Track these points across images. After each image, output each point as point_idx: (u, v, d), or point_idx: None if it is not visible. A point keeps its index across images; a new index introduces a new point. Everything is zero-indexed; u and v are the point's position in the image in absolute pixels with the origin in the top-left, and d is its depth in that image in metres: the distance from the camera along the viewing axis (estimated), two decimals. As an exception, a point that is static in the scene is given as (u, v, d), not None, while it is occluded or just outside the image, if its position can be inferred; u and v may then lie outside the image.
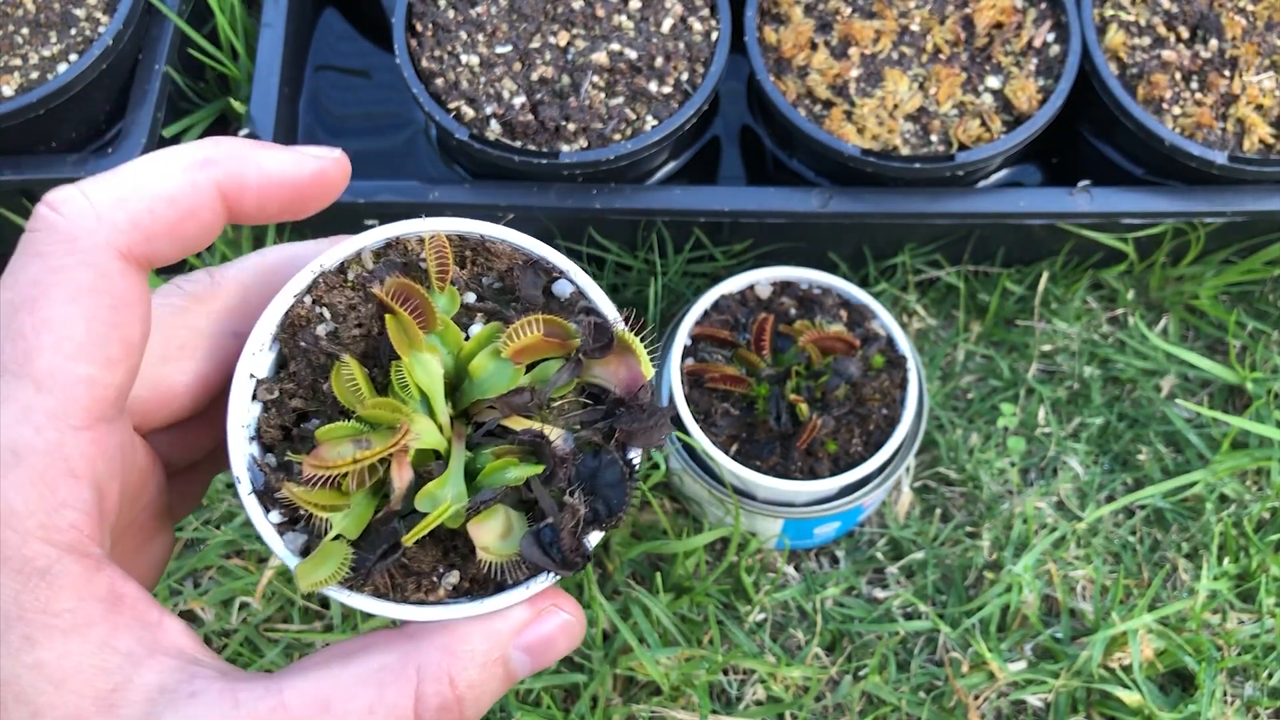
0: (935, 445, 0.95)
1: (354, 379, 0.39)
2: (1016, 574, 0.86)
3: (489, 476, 0.39)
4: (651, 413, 0.39)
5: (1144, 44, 0.92)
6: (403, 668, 0.37)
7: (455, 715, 0.38)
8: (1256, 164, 0.87)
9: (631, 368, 0.40)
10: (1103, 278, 1.00)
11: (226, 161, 0.38)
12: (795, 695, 0.84)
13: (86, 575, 0.34)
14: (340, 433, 0.38)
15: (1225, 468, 0.91)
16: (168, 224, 0.37)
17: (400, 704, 0.36)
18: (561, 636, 0.40)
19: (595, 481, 0.39)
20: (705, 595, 0.85)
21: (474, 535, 0.38)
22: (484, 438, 0.40)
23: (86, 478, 0.35)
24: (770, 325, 0.81)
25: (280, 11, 0.96)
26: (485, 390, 0.40)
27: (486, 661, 0.38)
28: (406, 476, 0.38)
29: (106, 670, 0.34)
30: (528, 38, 0.90)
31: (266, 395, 0.40)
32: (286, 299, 0.40)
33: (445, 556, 0.40)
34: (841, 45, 0.92)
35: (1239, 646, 0.86)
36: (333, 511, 0.38)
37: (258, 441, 0.40)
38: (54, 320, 0.34)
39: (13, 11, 0.91)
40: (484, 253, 0.42)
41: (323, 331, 0.41)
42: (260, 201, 0.39)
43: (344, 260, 0.41)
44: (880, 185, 0.89)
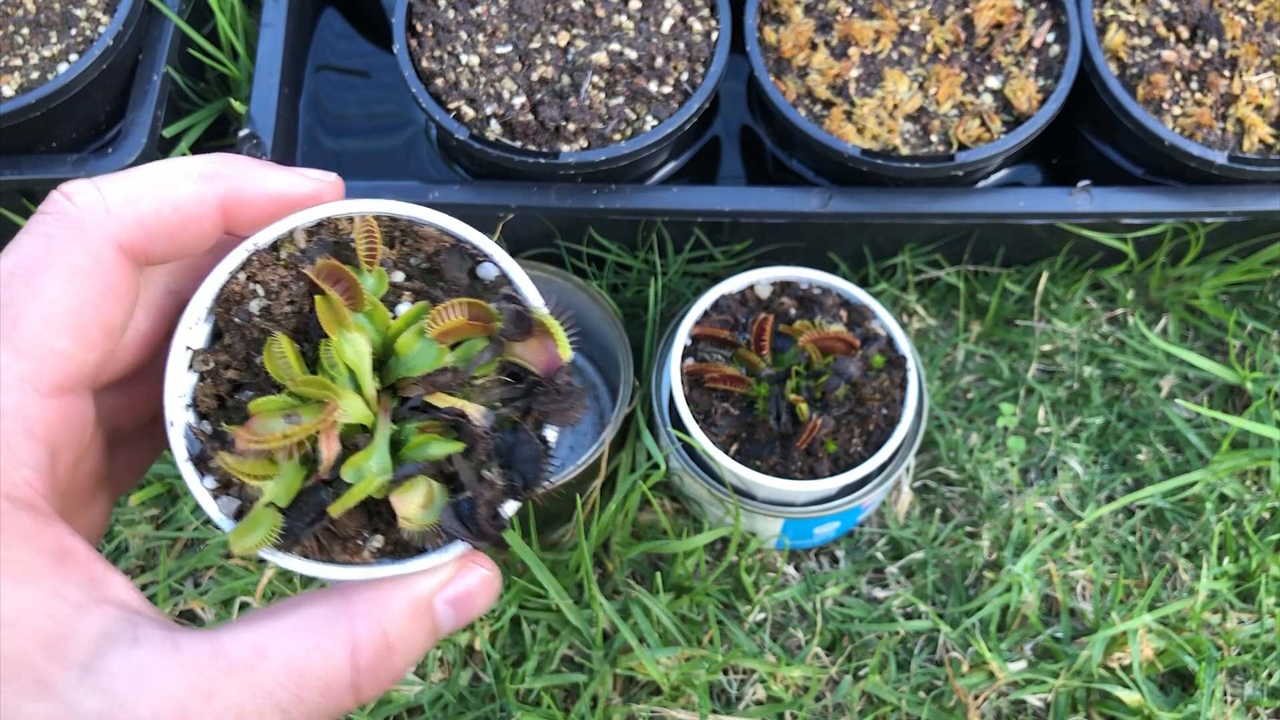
0: (935, 445, 0.95)
1: (285, 355, 0.41)
2: (1016, 574, 0.86)
3: (412, 450, 0.41)
4: (567, 393, 0.41)
5: (1144, 44, 0.92)
6: (337, 617, 0.39)
7: (386, 663, 0.40)
8: (1256, 164, 0.87)
9: (550, 350, 0.42)
10: (1102, 278, 1.00)
11: (232, 177, 0.41)
12: (795, 695, 0.84)
13: (37, 529, 0.36)
14: (272, 406, 0.40)
15: (1225, 467, 0.91)
16: (169, 227, 0.40)
17: (335, 649, 0.38)
18: (481, 591, 0.42)
19: (512, 456, 0.41)
20: (705, 595, 0.85)
21: (396, 506, 0.40)
22: (409, 412, 0.42)
23: (44, 440, 0.37)
24: (770, 325, 0.81)
25: (280, 11, 0.96)
26: (411, 368, 0.42)
27: (414, 612, 0.40)
28: (334, 449, 0.40)
29: (54, 617, 0.35)
30: (528, 38, 0.90)
31: (202, 366, 0.42)
32: (222, 275, 0.43)
33: (370, 522, 0.42)
34: (841, 45, 0.92)
35: (1239, 646, 0.86)
36: (264, 480, 0.40)
37: (194, 409, 0.42)
38: (46, 295, 0.37)
39: (13, 11, 0.91)
40: (412, 235, 0.45)
41: (256, 307, 0.43)
42: (257, 216, 0.42)
43: (277, 239, 0.43)
44: (880, 185, 0.89)
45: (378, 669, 0.40)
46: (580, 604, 0.84)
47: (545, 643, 0.84)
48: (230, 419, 0.42)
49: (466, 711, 0.83)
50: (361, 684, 0.39)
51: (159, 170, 0.40)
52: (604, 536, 0.86)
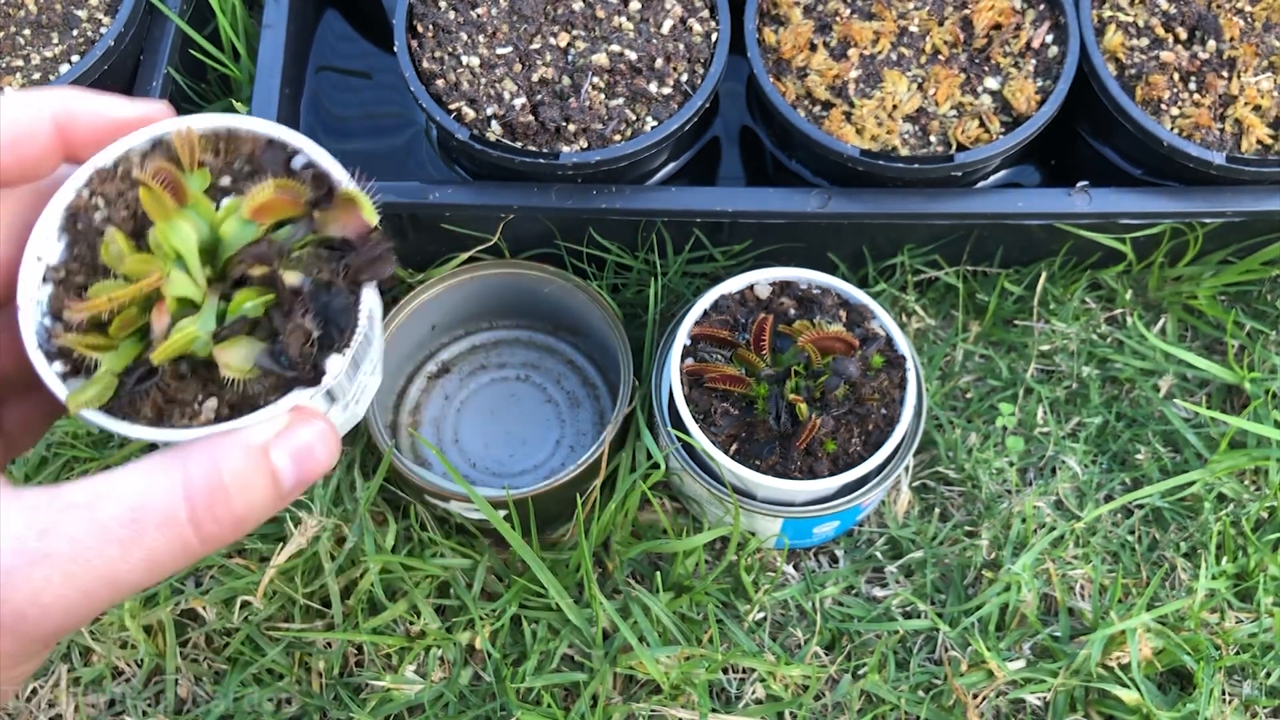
0: (934, 445, 0.95)
1: (118, 245, 0.45)
2: (1015, 573, 0.87)
3: (234, 311, 0.45)
4: (375, 250, 0.45)
5: (1142, 45, 0.92)
6: (172, 460, 0.41)
7: (224, 500, 0.41)
8: (1254, 164, 0.87)
9: (357, 217, 0.46)
10: (1101, 278, 1.00)
11: (65, 100, 0.44)
12: (794, 694, 0.84)
13: None
14: (106, 288, 0.44)
15: (1223, 467, 0.91)
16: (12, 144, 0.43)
17: (170, 486, 0.40)
18: (320, 444, 0.44)
19: (327, 309, 0.45)
20: (705, 594, 0.85)
21: (218, 357, 0.44)
22: (233, 288, 0.45)
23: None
24: (770, 325, 0.81)
25: (281, 12, 0.96)
26: (233, 247, 0.46)
27: (247, 455, 0.42)
28: (165, 320, 0.44)
29: None
30: (528, 39, 0.90)
31: (55, 276, 0.46)
32: (68, 192, 0.46)
33: (205, 388, 0.45)
34: (841, 46, 0.92)
35: (1237, 645, 0.86)
36: (102, 351, 0.44)
37: (50, 315, 0.46)
38: None
39: (15, 12, 0.91)
40: (233, 140, 0.49)
41: (98, 218, 0.47)
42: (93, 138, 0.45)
43: (116, 159, 0.47)
44: (879, 186, 0.90)
45: (214, 507, 0.41)
46: (580, 603, 0.85)
47: (545, 642, 0.84)
48: None
49: (467, 710, 0.83)
50: (200, 520, 0.41)
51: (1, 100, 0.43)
52: (604, 536, 0.86)
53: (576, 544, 0.84)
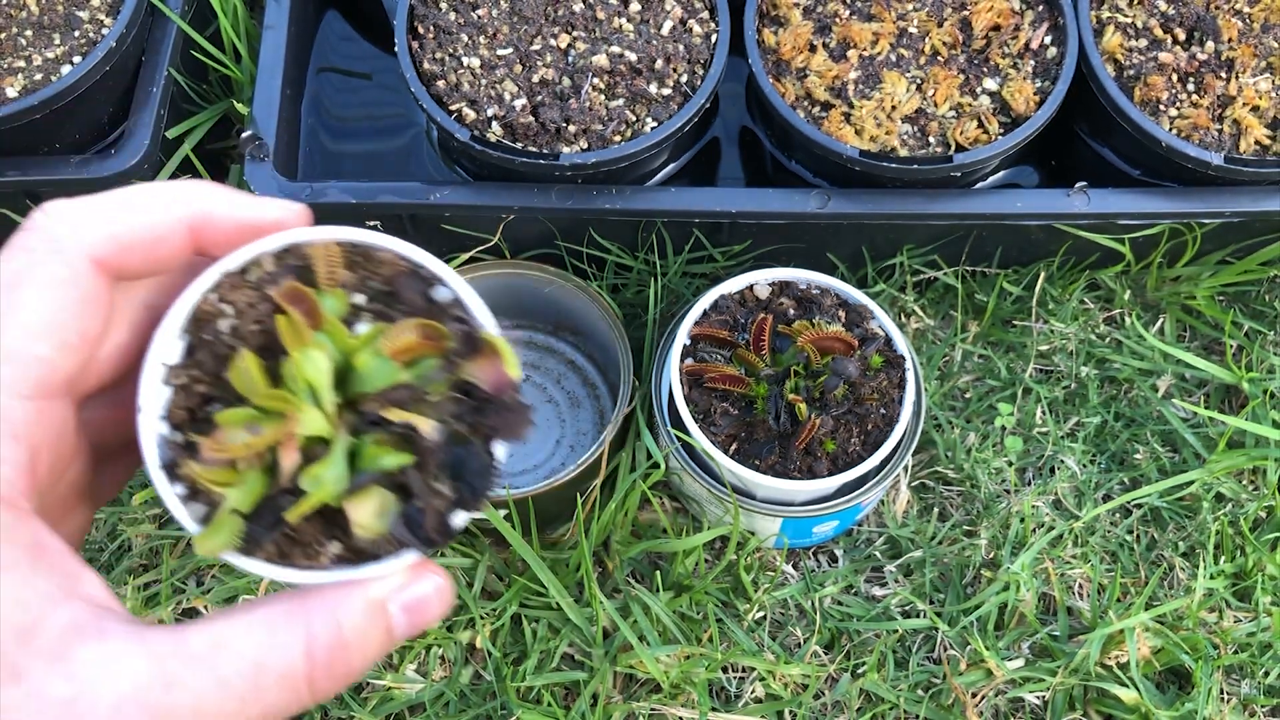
0: (933, 444, 0.95)
1: (249, 370, 0.43)
2: (1014, 572, 0.87)
3: (367, 462, 0.44)
4: (515, 409, 0.44)
5: (1141, 46, 0.92)
6: (294, 614, 0.41)
7: (342, 658, 0.41)
8: (1253, 165, 0.88)
9: (498, 369, 0.44)
10: (1100, 278, 1.01)
11: (201, 201, 0.44)
12: (794, 693, 0.85)
13: (13, 523, 0.38)
14: (237, 418, 0.43)
15: (1222, 467, 0.91)
16: (142, 243, 0.43)
17: (291, 643, 0.40)
18: (435, 598, 0.44)
19: (462, 469, 0.44)
20: (705, 594, 0.86)
21: (350, 512, 0.43)
22: (366, 426, 0.44)
23: (25, 441, 0.39)
24: (769, 325, 0.81)
25: (282, 13, 0.97)
26: (368, 384, 0.45)
27: (368, 611, 0.42)
28: (294, 459, 0.43)
29: (24, 606, 0.38)
30: (528, 40, 0.90)
31: (175, 380, 0.45)
32: (194, 294, 0.45)
33: (328, 530, 0.45)
34: (840, 47, 0.92)
35: (1235, 644, 0.86)
36: (228, 487, 0.43)
37: (168, 421, 0.45)
38: (26, 304, 0.40)
39: (16, 13, 0.92)
40: (371, 259, 0.47)
41: (225, 326, 0.45)
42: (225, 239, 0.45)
43: (246, 263, 0.46)
44: (878, 186, 0.90)
45: (333, 664, 0.41)
46: (580, 602, 0.85)
47: (546, 641, 0.85)
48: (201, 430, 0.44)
49: (468, 709, 0.84)
50: (317, 678, 0.41)
51: (134, 192, 0.43)
52: (604, 535, 0.86)
53: (576, 543, 0.84)
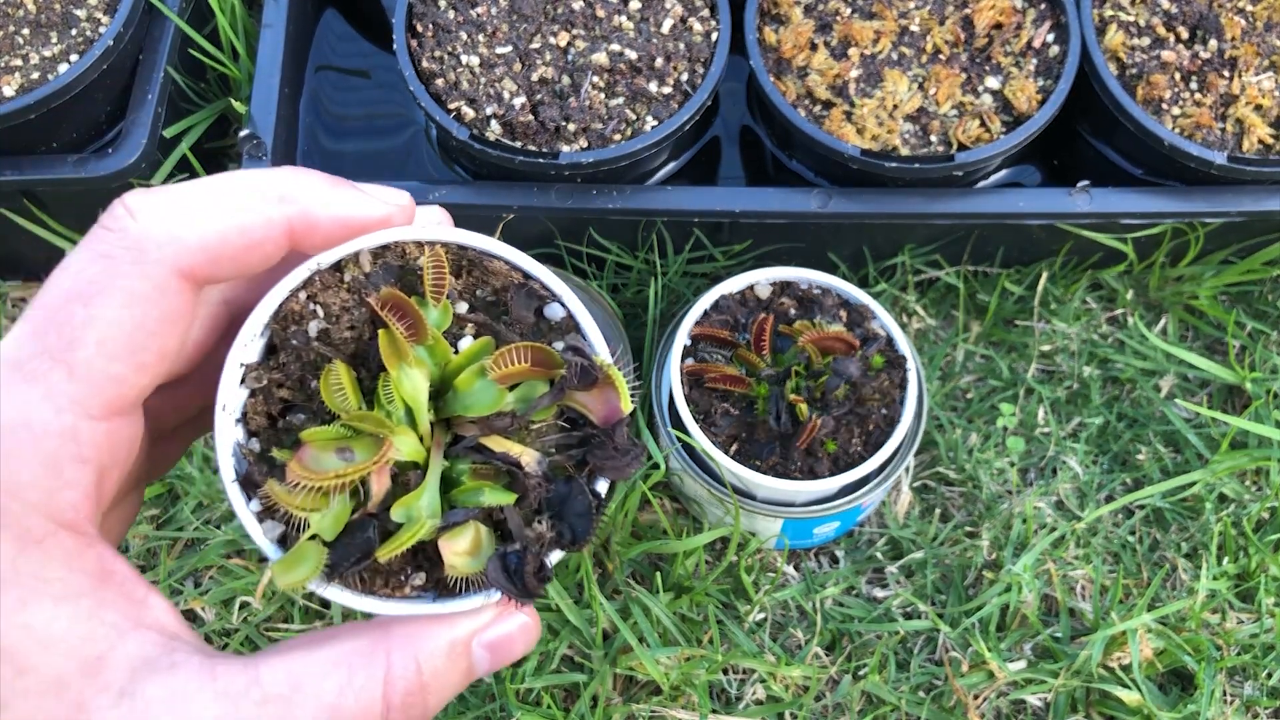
0: (935, 445, 0.95)
1: (342, 386, 0.40)
2: (1016, 574, 0.87)
3: (463, 495, 0.41)
4: (624, 448, 0.41)
5: (1143, 44, 0.92)
6: (372, 652, 0.39)
7: (419, 701, 0.39)
8: (1255, 164, 0.87)
9: (610, 402, 0.41)
10: (1102, 278, 1.00)
11: (303, 200, 0.39)
12: (795, 695, 0.84)
13: (79, 550, 0.36)
14: (325, 436, 0.39)
15: (1224, 468, 0.91)
16: (235, 251, 0.38)
17: (369, 686, 0.38)
18: (520, 637, 0.42)
19: (564, 508, 0.40)
20: (705, 595, 0.85)
21: (444, 550, 0.40)
22: (462, 451, 0.41)
23: (93, 463, 0.37)
24: (770, 325, 0.81)
25: (281, 12, 0.96)
26: (468, 407, 0.41)
27: (451, 653, 0.40)
28: (384, 485, 0.40)
29: (92, 638, 0.35)
30: (528, 38, 0.90)
31: (255, 383, 0.41)
32: (282, 293, 0.41)
33: (414, 559, 0.41)
34: (841, 46, 0.92)
35: (1238, 646, 0.86)
36: (312, 512, 0.39)
37: (243, 425, 0.42)
38: (103, 320, 0.36)
39: (13, 12, 0.91)
40: (481, 267, 0.43)
41: (314, 329, 0.42)
42: (325, 241, 0.41)
43: (341, 260, 0.42)
44: (880, 186, 0.89)
45: (410, 707, 0.39)
46: (580, 604, 0.84)
47: (545, 642, 0.84)
48: (279, 439, 0.41)
49: (467, 711, 0.83)
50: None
51: (227, 188, 0.39)
52: (604, 536, 0.86)
53: (576, 544, 0.84)
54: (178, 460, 0.48)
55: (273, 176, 0.39)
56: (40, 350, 0.36)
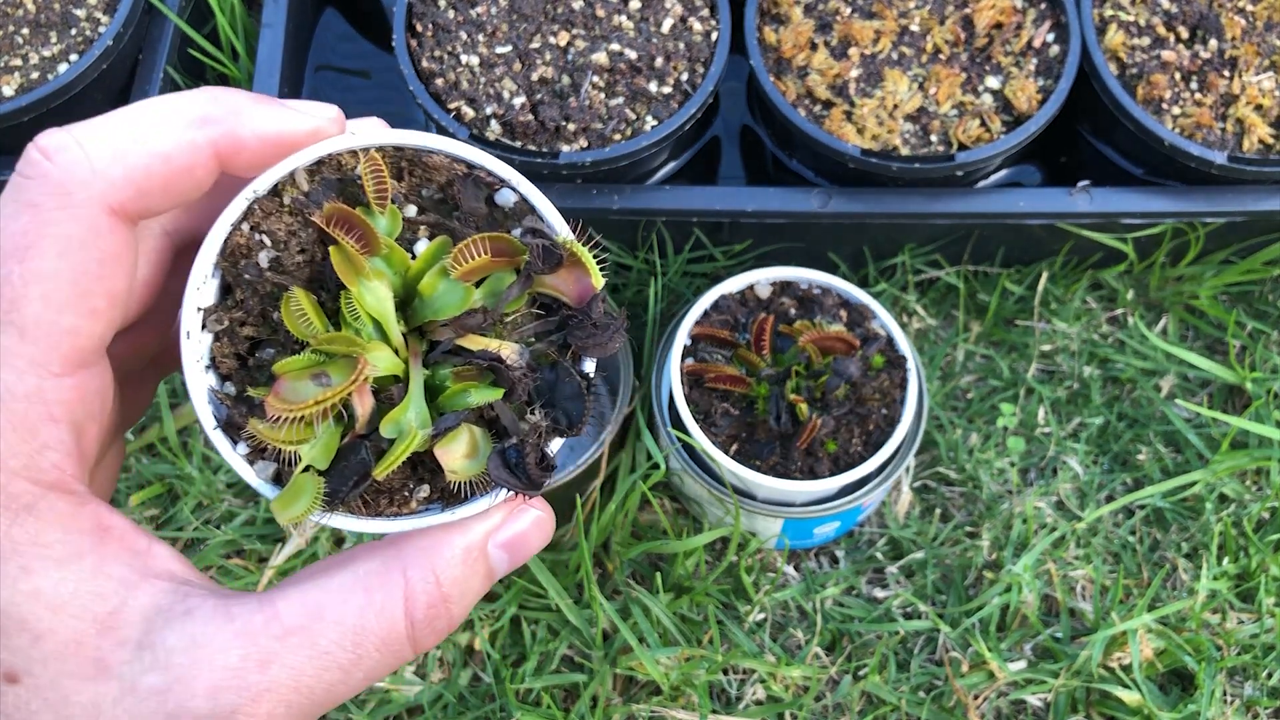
0: (935, 445, 0.95)
1: (304, 311, 0.39)
2: (1016, 574, 0.86)
3: (450, 400, 0.40)
4: (603, 324, 0.40)
5: (1143, 44, 0.92)
6: (389, 571, 0.38)
7: (443, 613, 0.39)
8: (1256, 164, 0.87)
9: (581, 280, 0.40)
10: (1102, 278, 1.00)
11: (225, 120, 0.38)
12: (795, 695, 0.84)
13: (72, 510, 0.36)
14: (298, 365, 0.39)
15: (1225, 467, 0.91)
16: (162, 180, 0.37)
17: (390, 604, 0.38)
18: (535, 532, 0.42)
19: (554, 394, 0.40)
20: (705, 595, 0.85)
21: (441, 458, 0.39)
22: (441, 357, 0.40)
23: (65, 421, 0.36)
24: (770, 325, 0.81)
25: (280, 12, 0.96)
26: (438, 311, 0.40)
27: (468, 558, 0.40)
28: (369, 404, 0.39)
29: (102, 595, 0.35)
30: (528, 38, 0.90)
31: (216, 325, 0.40)
32: (224, 227, 0.40)
33: (414, 472, 0.41)
34: (841, 45, 0.92)
35: (1238, 646, 0.86)
36: (300, 444, 0.38)
37: (214, 371, 0.41)
38: (43, 272, 0.35)
39: (13, 12, 0.91)
40: (421, 164, 0.42)
41: (265, 260, 0.40)
42: (254, 161, 0.39)
43: (277, 182, 0.40)
44: (880, 185, 0.89)
45: (434, 619, 0.39)
46: (580, 604, 0.84)
47: (545, 643, 0.84)
48: (253, 378, 0.41)
49: (466, 711, 0.83)
50: (418, 636, 0.39)
51: (144, 116, 0.37)
52: (604, 536, 0.86)
53: (576, 544, 0.84)
54: (149, 404, 0.47)
55: (191, 98, 0.38)
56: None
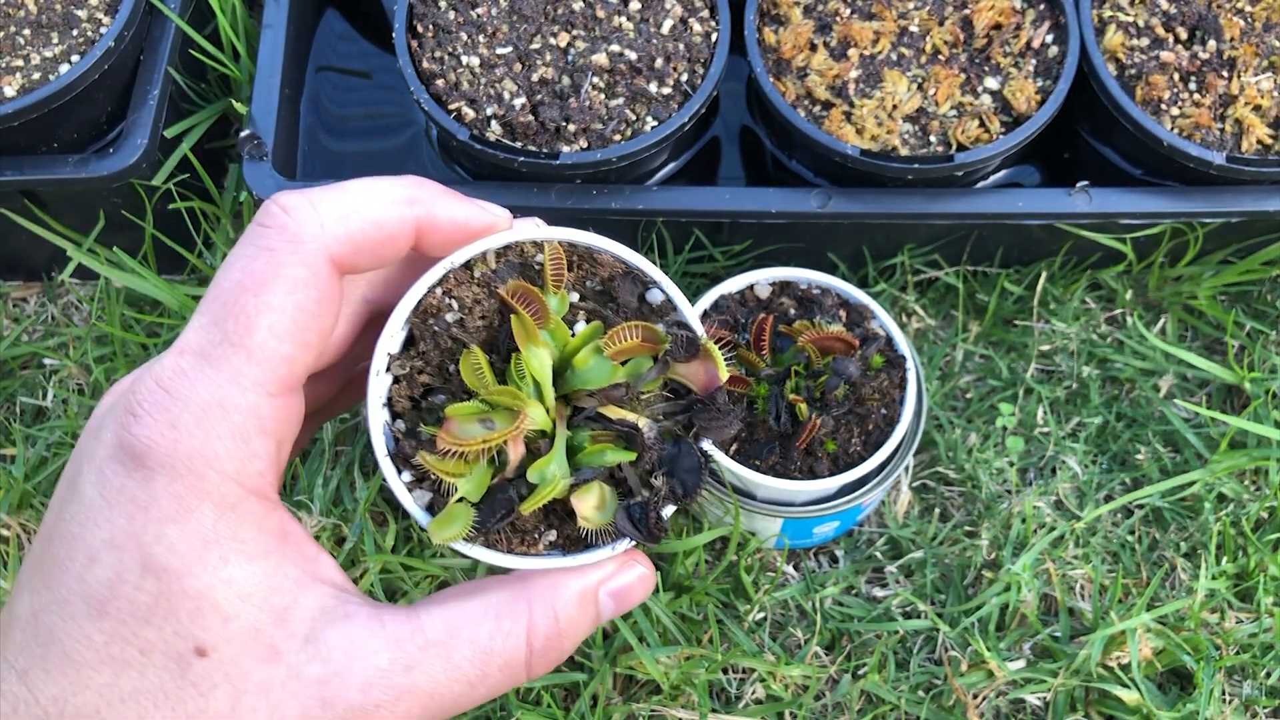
0: (934, 445, 0.95)
1: (479, 365, 0.46)
2: (1015, 573, 0.87)
3: (589, 457, 0.47)
4: (725, 411, 0.47)
5: (1142, 45, 0.92)
6: (516, 601, 0.45)
7: (556, 645, 0.45)
8: (1254, 164, 0.87)
9: (710, 371, 0.47)
10: (1101, 278, 1.00)
11: (427, 203, 0.46)
12: (795, 694, 0.84)
13: (265, 513, 0.42)
14: (467, 411, 0.45)
15: (1223, 467, 0.91)
16: (373, 243, 0.45)
17: (515, 632, 0.44)
18: (639, 586, 0.48)
19: (675, 466, 0.46)
20: (705, 594, 0.85)
21: (576, 506, 0.46)
22: (583, 421, 0.47)
23: (273, 435, 0.42)
24: (769, 325, 0.81)
25: (281, 12, 0.96)
26: (586, 382, 0.47)
27: (583, 600, 0.46)
28: (520, 452, 0.46)
29: (279, 590, 0.41)
30: (528, 39, 0.90)
31: (399, 370, 0.47)
32: (423, 287, 0.47)
33: (546, 519, 0.47)
34: (841, 46, 0.92)
35: (1237, 645, 0.86)
36: (459, 477, 0.45)
37: (389, 409, 0.47)
38: (272, 306, 0.42)
39: (14, 12, 0.91)
40: (590, 260, 0.49)
41: (451, 319, 0.48)
42: (443, 241, 0.47)
43: (471, 259, 0.48)
44: (879, 186, 0.90)
45: (549, 650, 0.45)
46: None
47: (545, 642, 0.84)
48: (423, 419, 0.47)
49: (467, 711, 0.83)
50: (534, 663, 0.45)
51: (366, 190, 0.45)
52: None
53: (576, 544, 0.84)
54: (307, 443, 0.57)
55: (402, 182, 0.46)
56: (222, 338, 0.41)
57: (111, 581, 0.39)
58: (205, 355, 0.41)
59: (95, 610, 0.39)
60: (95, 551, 0.40)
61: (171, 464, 0.40)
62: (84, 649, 0.39)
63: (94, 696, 0.39)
